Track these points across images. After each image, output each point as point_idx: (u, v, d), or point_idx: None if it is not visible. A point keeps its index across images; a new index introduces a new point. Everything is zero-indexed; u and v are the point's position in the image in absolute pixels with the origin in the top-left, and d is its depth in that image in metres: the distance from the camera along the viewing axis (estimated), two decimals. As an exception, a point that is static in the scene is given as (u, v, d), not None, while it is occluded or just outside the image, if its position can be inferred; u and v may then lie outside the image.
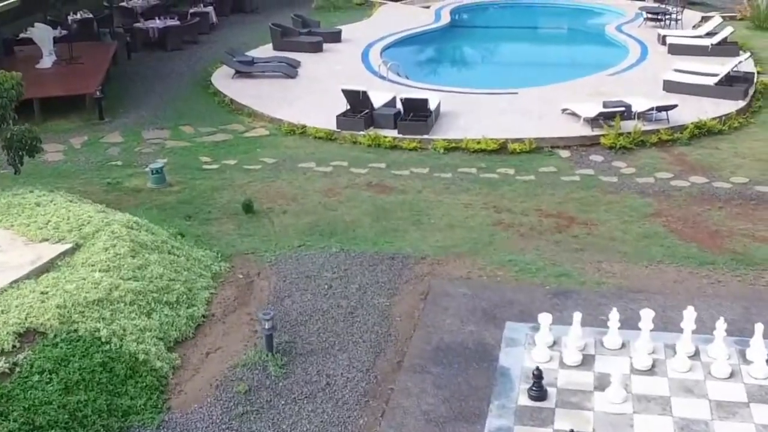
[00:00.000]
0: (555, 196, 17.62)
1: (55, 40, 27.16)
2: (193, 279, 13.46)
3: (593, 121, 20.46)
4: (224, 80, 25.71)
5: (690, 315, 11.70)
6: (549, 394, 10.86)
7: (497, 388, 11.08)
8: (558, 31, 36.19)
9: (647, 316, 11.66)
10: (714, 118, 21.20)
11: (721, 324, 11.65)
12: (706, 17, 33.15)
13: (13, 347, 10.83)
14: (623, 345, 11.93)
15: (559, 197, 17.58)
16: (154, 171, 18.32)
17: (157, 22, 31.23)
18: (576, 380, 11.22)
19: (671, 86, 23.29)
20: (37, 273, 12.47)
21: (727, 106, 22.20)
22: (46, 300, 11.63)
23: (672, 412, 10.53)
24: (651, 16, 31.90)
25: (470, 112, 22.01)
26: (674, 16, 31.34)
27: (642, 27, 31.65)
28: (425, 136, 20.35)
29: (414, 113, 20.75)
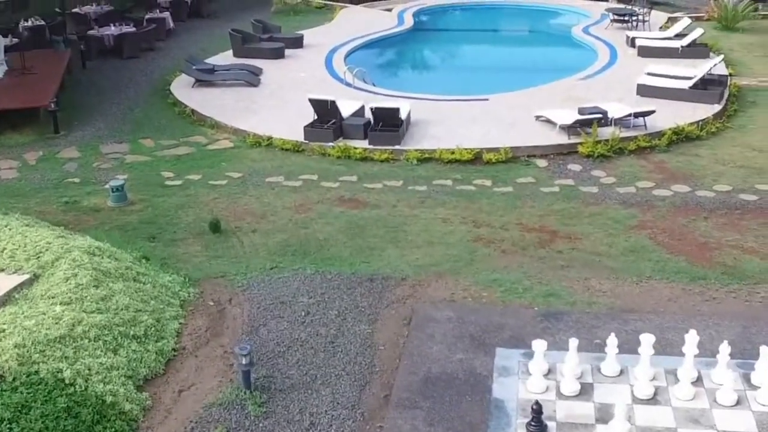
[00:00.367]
0: (535, 209, 16.97)
1: (6, 49, 26.03)
2: (161, 308, 12.61)
3: (570, 129, 19.85)
4: (184, 89, 24.78)
5: (692, 339, 11.06)
6: (549, 429, 10.16)
7: (493, 423, 10.36)
8: (524, 34, 35.67)
9: (647, 342, 11.00)
10: (691, 124, 20.72)
11: (725, 348, 11.04)
12: (673, 18, 32.81)
13: (-32, 393, 9.95)
14: (622, 371, 11.28)
15: (540, 210, 16.93)
16: (115, 189, 17.40)
17: (112, 29, 30.14)
18: (576, 412, 10.52)
19: (645, 90, 22.78)
20: (-7, 307, 11.58)
21: (704, 111, 21.73)
22: (4, 338, 10.75)
23: (681, 446, 9.91)
24: (617, 18, 31.43)
25: (441, 121, 21.32)
26: (641, 18, 30.92)
27: (609, 29, 31.17)
28: (397, 147, 19.62)
29: (384, 123, 19.99)
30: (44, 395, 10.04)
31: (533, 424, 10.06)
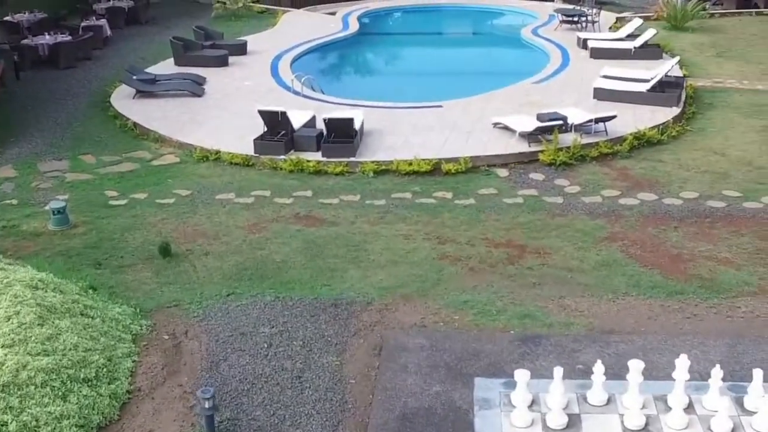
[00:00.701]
0: (500, 222, 16.31)
1: (-66, 62, 24.79)
2: (113, 345, 11.68)
3: (530, 136, 19.22)
4: (125, 101, 23.70)
5: (683, 364, 10.47)
6: (539, 469, 9.50)
7: (478, 464, 9.67)
8: (473, 36, 35.12)
9: (636, 369, 10.38)
10: (652, 128, 20.23)
11: (717, 372, 10.48)
12: (621, 18, 32.48)
13: None
14: (609, 400, 10.67)
15: (505, 223, 16.27)
16: (56, 211, 16.35)
17: (47, 38, 28.87)
18: (565, 448, 9.89)
19: (602, 94, 22.30)
20: (-73, 353, 10.57)
21: (663, 114, 21.30)
22: (-60, 389, 9.77)
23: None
24: (566, 19, 30.95)
25: (396, 130, 20.58)
26: (591, 18, 30.48)
27: (558, 30, 30.70)
28: (352, 159, 18.83)
29: (338, 134, 19.19)
30: (-13, 453, 9.11)
31: (522, 465, 9.40)
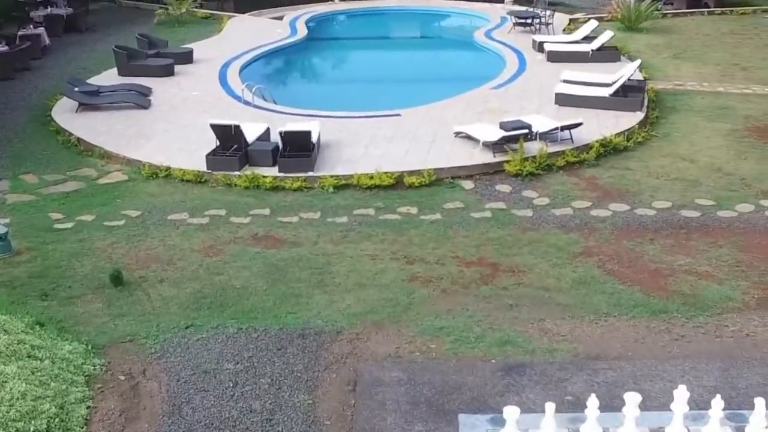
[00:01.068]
0: (470, 239, 15.58)
1: None
2: (64, 390, 10.72)
3: (494, 146, 18.53)
4: (67, 114, 22.56)
5: (682, 396, 9.76)
6: None
7: None
8: (425, 40, 34.45)
9: (633, 401, 9.66)
10: (618, 134, 19.67)
11: (718, 402, 9.79)
12: (575, 19, 32.01)
13: None
14: (604, 436, 9.94)
15: (475, 239, 15.55)
16: (-3, 238, 15.31)
17: (-18, 49, 27.63)
18: (562, 493, 9.13)
19: (564, 99, 21.72)
20: None
21: (627, 119, 20.79)
22: None
23: None
24: (519, 21, 30.34)
25: (354, 141, 19.77)
26: (544, 20, 29.92)
27: (512, 32, 30.09)
28: (310, 174, 17.98)
29: (295, 147, 18.32)
30: None
31: None
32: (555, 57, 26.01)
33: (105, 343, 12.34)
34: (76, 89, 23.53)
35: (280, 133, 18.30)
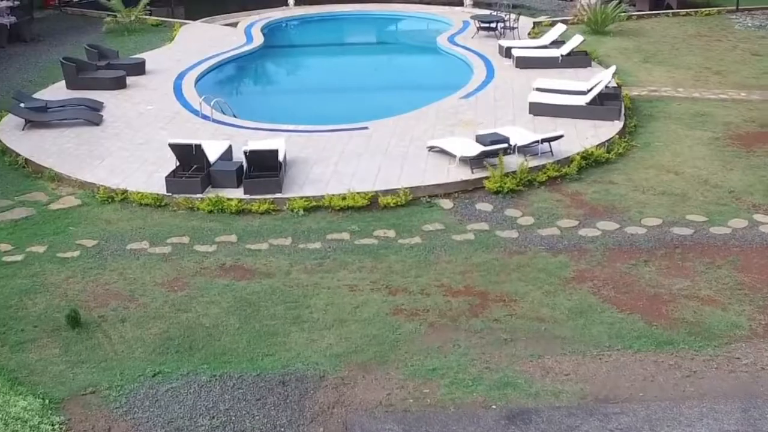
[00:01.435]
0: (453, 264, 14.58)
1: None
2: (19, 458, 9.54)
3: (472, 162, 17.54)
4: (13, 133, 21.12)
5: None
6: None
7: None
8: (386, 46, 33.37)
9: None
10: (599, 146, 18.79)
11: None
12: (538, 23, 31.17)
13: None
14: (626, 496, 9.01)
15: (459, 265, 14.55)
16: (-61, 274, 14.01)
17: None
18: None
19: (539, 108, 20.80)
20: None
21: (606, 129, 19.93)
22: None
23: None
24: (483, 25, 29.37)
25: (322, 157, 18.65)
26: (509, 24, 28.99)
27: (475, 37, 29.12)
28: (278, 196, 16.84)
29: (260, 166, 17.18)
30: None
31: None
32: (524, 63, 25.09)
33: (63, 397, 11.18)
34: (22, 105, 22.10)
35: (245, 153, 17.12)
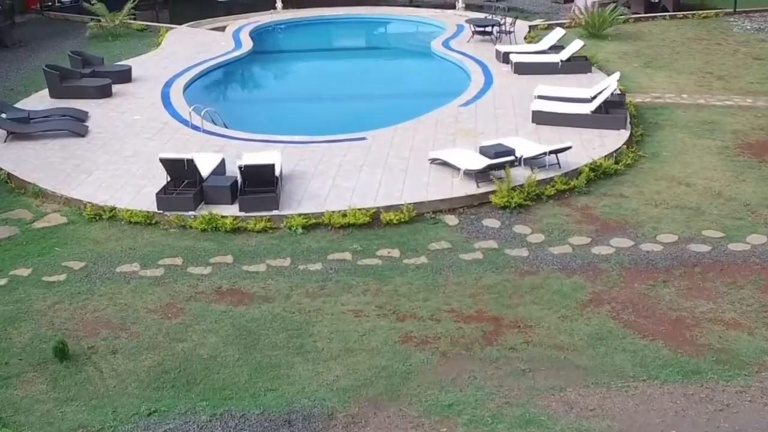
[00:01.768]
0: (463, 286, 13.83)
1: None
2: None
3: (478, 175, 16.79)
4: (-5, 145, 20.32)
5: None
6: None
7: None
8: (380, 51, 32.57)
9: None
10: (606, 157, 18.09)
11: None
12: (534, 26, 30.48)
13: None
14: None
15: (469, 287, 13.81)
16: None
17: None
18: None
19: (542, 117, 20.09)
20: None
21: (612, 138, 19.25)
22: None
23: None
24: (479, 29, 28.63)
25: (319, 171, 17.87)
26: (506, 28, 28.28)
27: (471, 42, 28.38)
28: (275, 212, 16.06)
29: (256, 182, 16.39)
30: None
31: None
32: (522, 69, 24.38)
33: (52, 440, 10.36)
34: (4, 115, 21.22)
35: (240, 168, 16.34)
